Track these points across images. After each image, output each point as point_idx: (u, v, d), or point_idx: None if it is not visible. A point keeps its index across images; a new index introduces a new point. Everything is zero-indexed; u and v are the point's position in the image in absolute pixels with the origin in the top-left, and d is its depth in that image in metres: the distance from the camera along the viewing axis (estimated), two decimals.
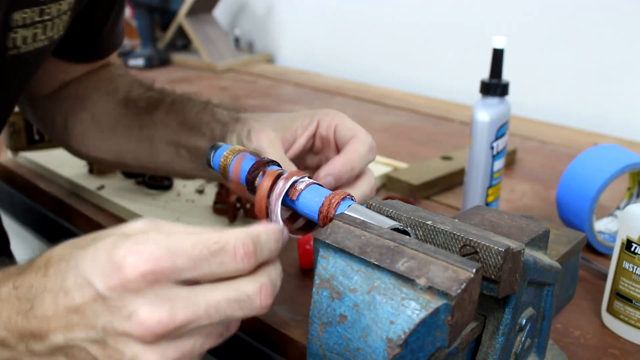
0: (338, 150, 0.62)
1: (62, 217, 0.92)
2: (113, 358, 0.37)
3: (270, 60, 1.98)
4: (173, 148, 0.69)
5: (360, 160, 0.58)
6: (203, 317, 0.37)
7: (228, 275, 0.38)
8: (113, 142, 0.75)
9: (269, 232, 0.40)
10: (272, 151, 0.59)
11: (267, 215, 0.48)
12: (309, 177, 0.49)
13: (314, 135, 0.63)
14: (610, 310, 0.61)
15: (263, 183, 0.48)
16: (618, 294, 0.60)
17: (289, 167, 0.58)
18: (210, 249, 0.37)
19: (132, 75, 0.81)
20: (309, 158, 0.66)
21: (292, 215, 0.51)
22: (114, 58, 0.84)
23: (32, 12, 0.58)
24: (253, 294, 0.38)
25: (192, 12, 1.83)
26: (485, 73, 0.78)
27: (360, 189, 0.59)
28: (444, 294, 0.35)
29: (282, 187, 0.47)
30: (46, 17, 0.60)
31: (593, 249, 0.75)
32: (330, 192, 0.47)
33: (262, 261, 0.40)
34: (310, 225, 0.51)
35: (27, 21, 0.58)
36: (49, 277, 0.38)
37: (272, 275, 0.40)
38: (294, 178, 0.48)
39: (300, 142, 0.63)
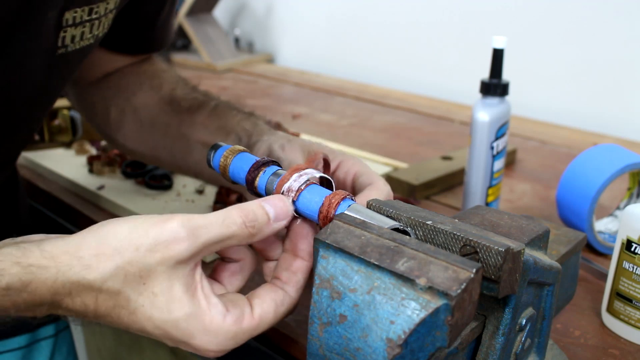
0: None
1: (62, 217, 0.92)
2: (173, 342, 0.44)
3: (270, 60, 1.98)
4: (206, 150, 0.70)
5: None
6: None
7: None
8: (150, 137, 0.76)
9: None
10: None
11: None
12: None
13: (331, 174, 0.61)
14: (610, 310, 0.61)
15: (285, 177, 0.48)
16: (618, 294, 0.60)
17: None
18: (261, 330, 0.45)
19: (176, 71, 0.82)
20: None
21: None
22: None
23: (82, 12, 0.58)
24: None
25: (192, 12, 1.83)
26: (485, 73, 0.78)
27: None
28: (444, 294, 0.35)
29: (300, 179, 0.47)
30: (94, 16, 0.60)
31: (593, 249, 0.75)
32: (330, 192, 0.47)
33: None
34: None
35: (76, 20, 0.58)
36: (120, 323, 0.43)
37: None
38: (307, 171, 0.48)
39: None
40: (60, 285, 0.40)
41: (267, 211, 0.43)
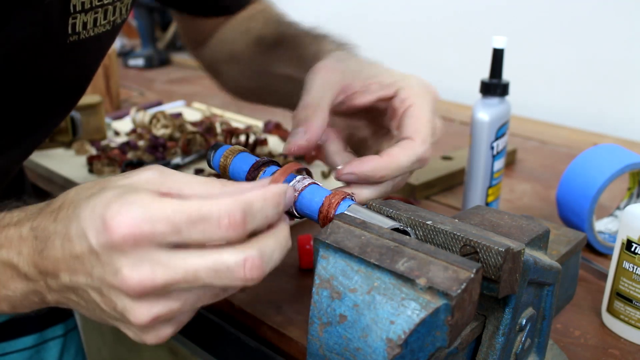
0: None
1: None
2: (108, 305, 0.39)
3: None
4: (291, 83, 0.70)
5: (396, 169, 0.52)
6: (181, 281, 0.37)
7: (214, 243, 0.38)
8: (252, 81, 0.80)
9: (265, 197, 0.39)
10: (315, 94, 0.55)
11: None
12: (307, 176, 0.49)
13: (386, 100, 0.58)
14: (610, 310, 0.61)
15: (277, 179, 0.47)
16: (618, 294, 0.60)
17: (319, 115, 0.53)
18: (192, 217, 0.37)
19: (272, 10, 0.84)
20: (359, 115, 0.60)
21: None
22: None
23: None
24: (235, 265, 0.37)
25: None
26: (485, 73, 0.78)
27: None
28: (444, 294, 0.35)
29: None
30: (106, 1, 0.59)
31: (593, 249, 0.75)
32: (330, 192, 0.47)
33: (257, 228, 0.39)
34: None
35: (86, 6, 0.57)
36: (58, 222, 0.40)
37: (263, 247, 0.38)
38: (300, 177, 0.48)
39: (367, 99, 0.57)
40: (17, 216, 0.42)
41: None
